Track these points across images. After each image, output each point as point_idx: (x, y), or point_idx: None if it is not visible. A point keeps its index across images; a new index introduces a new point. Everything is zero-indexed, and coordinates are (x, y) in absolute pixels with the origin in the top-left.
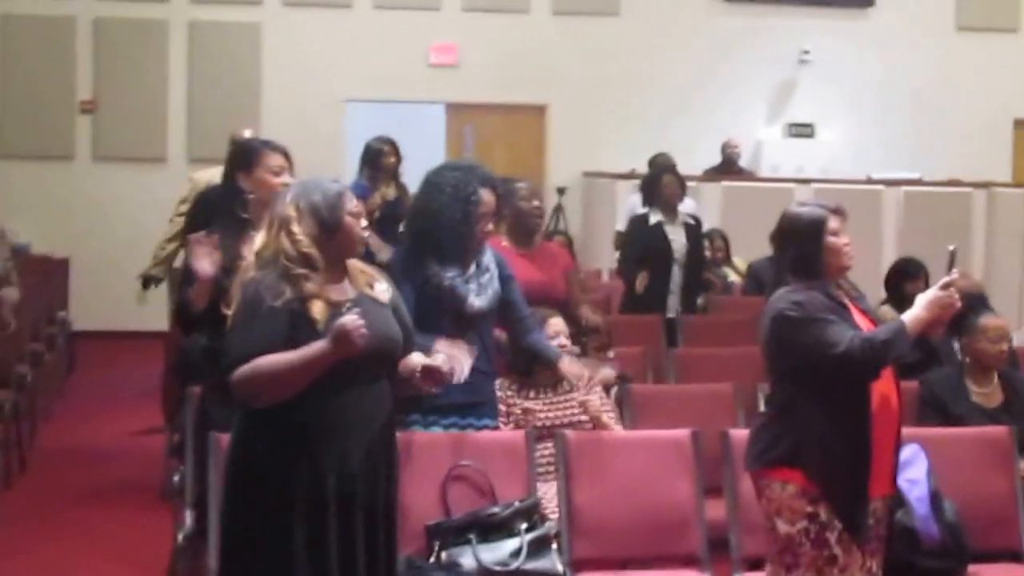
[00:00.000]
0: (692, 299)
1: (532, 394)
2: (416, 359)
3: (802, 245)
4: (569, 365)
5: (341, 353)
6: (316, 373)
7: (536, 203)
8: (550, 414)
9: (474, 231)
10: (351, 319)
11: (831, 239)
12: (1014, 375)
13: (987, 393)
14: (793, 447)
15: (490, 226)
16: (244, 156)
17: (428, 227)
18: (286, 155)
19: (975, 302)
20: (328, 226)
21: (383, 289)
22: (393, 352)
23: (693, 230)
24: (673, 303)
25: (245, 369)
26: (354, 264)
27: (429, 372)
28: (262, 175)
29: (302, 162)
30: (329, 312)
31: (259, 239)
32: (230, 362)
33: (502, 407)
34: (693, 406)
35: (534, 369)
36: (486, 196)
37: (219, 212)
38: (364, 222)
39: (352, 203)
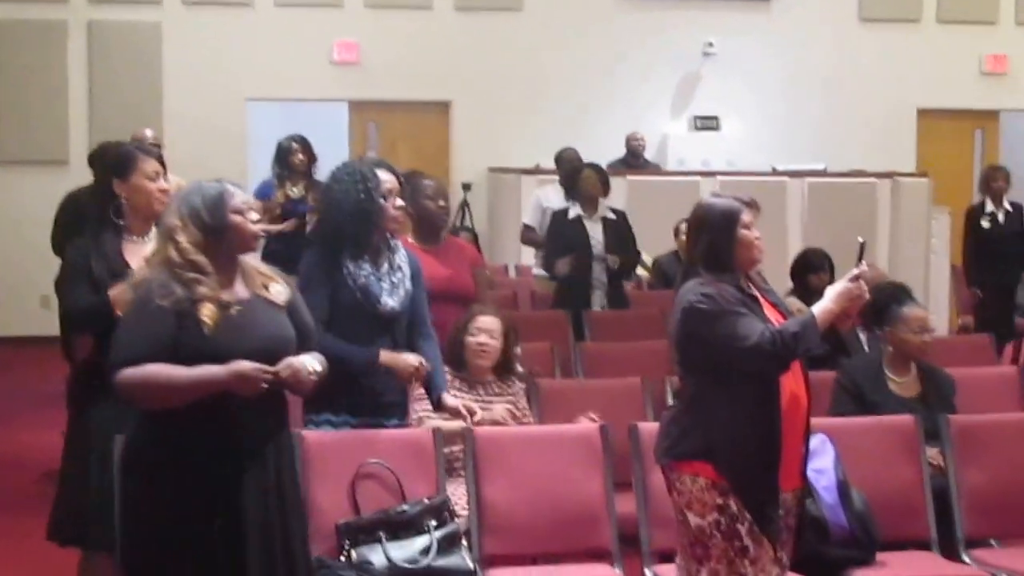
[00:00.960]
0: (619, 293)
1: (468, 389)
2: (298, 360)
3: (714, 237)
4: (451, 402)
5: (237, 390)
6: (206, 393)
7: (442, 202)
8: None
9: (381, 209)
10: (256, 367)
11: (743, 232)
12: (935, 369)
13: (905, 383)
14: (703, 440)
15: (399, 202)
16: (120, 162)
17: (335, 221)
18: (160, 160)
19: (899, 292)
20: (212, 229)
21: (279, 291)
22: (284, 355)
23: (613, 224)
24: (598, 298)
25: (135, 374)
26: (251, 265)
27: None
28: (138, 181)
29: (205, 162)
30: (219, 314)
31: (150, 247)
32: (116, 361)
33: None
34: (601, 401)
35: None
36: (384, 175)
37: (91, 216)
38: (255, 216)
39: (237, 200)
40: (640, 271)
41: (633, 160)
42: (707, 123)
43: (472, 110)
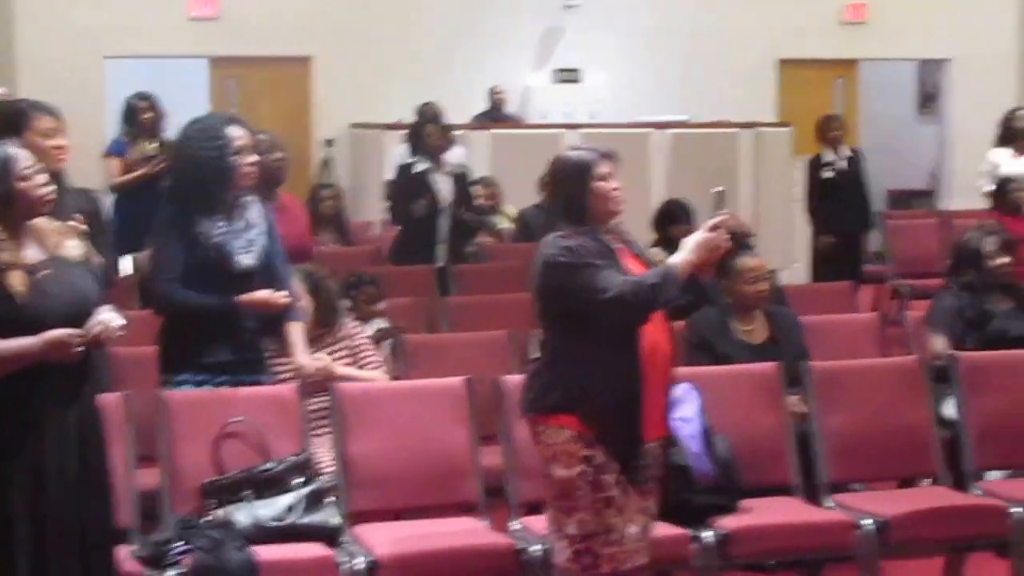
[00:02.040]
0: (459, 247)
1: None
2: (106, 317)
3: (569, 189)
4: (301, 358)
5: (53, 358)
6: (21, 366)
7: (279, 154)
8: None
9: (232, 166)
10: (69, 333)
11: (598, 184)
12: (779, 311)
13: (752, 330)
14: (567, 392)
15: (252, 158)
16: (10, 119)
17: (189, 178)
18: (57, 116)
19: (734, 243)
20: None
21: (73, 246)
22: (92, 312)
23: (460, 179)
24: (441, 252)
25: None
26: (44, 225)
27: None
28: (32, 138)
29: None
30: (28, 280)
31: None
32: None
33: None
34: (466, 354)
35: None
36: (235, 131)
37: None
38: (43, 178)
39: (23, 165)
40: (504, 224)
41: (496, 113)
42: (568, 75)
43: (334, 65)
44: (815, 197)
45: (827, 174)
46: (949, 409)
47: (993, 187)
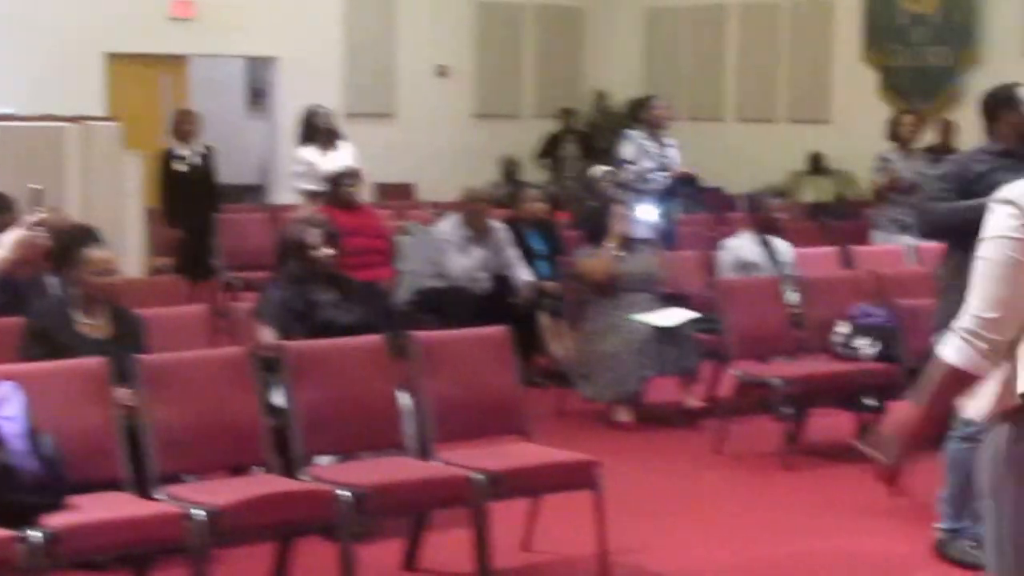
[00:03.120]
0: None
1: None
2: None
3: None
4: None
5: None
6: None
7: None
8: None
9: None
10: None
11: None
12: (123, 309)
13: (97, 325)
14: None
15: None
16: None
17: None
18: None
19: (83, 235)
20: None
21: None
22: None
23: None
24: None
25: None
26: None
27: None
28: None
29: None
30: None
31: None
32: None
33: None
34: None
35: None
36: None
37: None
38: None
39: None
40: None
41: None
42: None
43: None
44: (167, 191)
45: (180, 168)
46: (278, 398)
47: (312, 186)
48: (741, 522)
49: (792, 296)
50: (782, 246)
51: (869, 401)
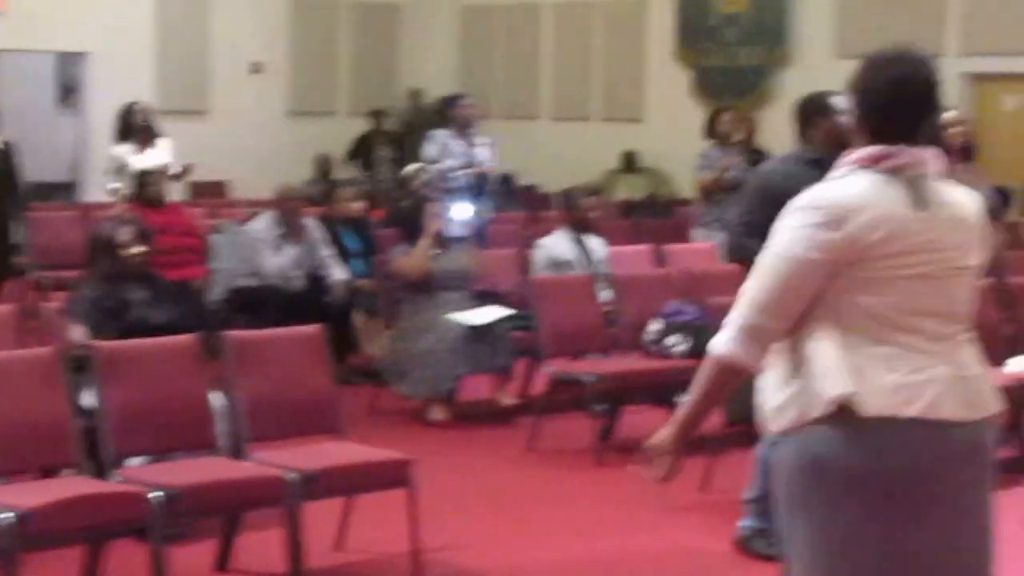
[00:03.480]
0: None
1: None
2: None
3: None
4: None
5: None
6: None
7: None
8: None
9: None
10: None
11: None
12: None
13: None
14: None
15: None
16: None
17: None
18: None
19: None
20: None
21: None
22: None
23: None
24: None
25: None
26: None
27: None
28: None
29: None
30: None
31: None
32: None
33: None
34: None
35: None
36: None
37: None
38: None
39: None
40: None
41: None
42: None
43: None
44: None
45: None
46: (89, 398)
47: (121, 184)
48: (556, 519)
49: (606, 294)
50: (596, 244)
51: (681, 397)
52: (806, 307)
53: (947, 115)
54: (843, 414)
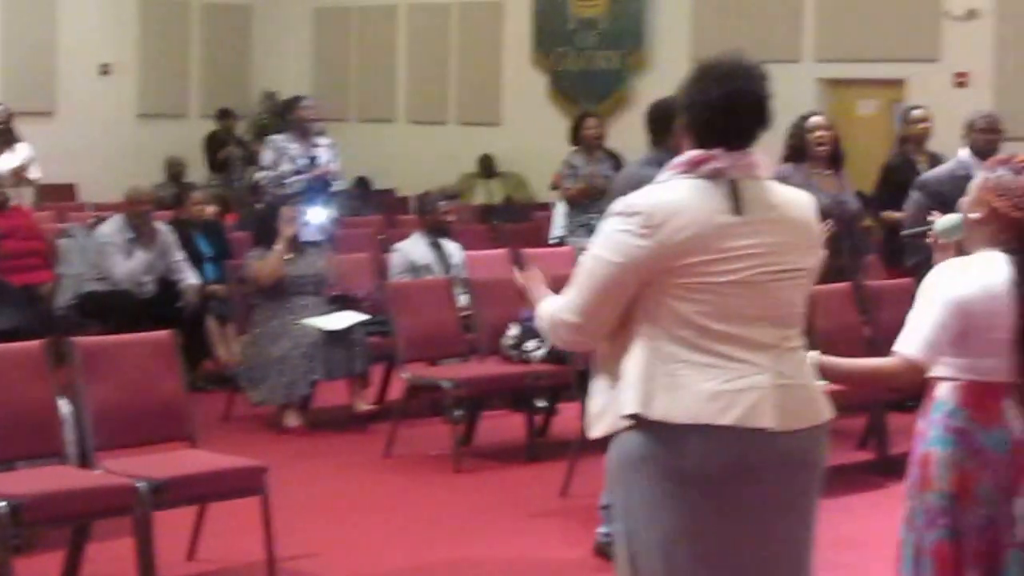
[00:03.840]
0: None
1: None
2: None
3: None
4: None
5: None
6: None
7: None
8: None
9: None
10: None
11: None
12: None
13: None
14: None
15: None
16: None
17: None
18: None
19: None
20: None
21: None
22: None
23: None
24: None
25: None
26: None
27: None
28: None
29: None
30: None
31: None
32: None
33: None
34: None
35: None
36: None
37: None
38: None
39: None
40: None
41: None
42: None
43: None
44: None
45: None
46: None
47: None
48: (413, 525)
49: (463, 298)
50: (453, 248)
51: (540, 403)
52: (623, 311)
53: (813, 120)
54: (656, 422)
